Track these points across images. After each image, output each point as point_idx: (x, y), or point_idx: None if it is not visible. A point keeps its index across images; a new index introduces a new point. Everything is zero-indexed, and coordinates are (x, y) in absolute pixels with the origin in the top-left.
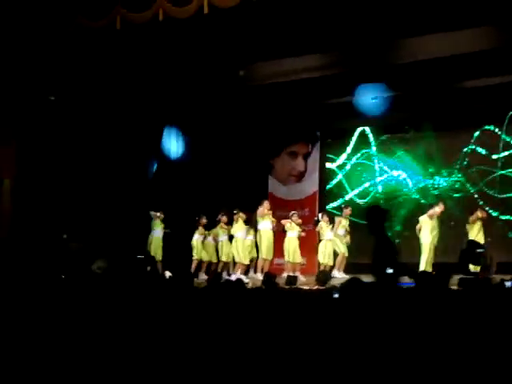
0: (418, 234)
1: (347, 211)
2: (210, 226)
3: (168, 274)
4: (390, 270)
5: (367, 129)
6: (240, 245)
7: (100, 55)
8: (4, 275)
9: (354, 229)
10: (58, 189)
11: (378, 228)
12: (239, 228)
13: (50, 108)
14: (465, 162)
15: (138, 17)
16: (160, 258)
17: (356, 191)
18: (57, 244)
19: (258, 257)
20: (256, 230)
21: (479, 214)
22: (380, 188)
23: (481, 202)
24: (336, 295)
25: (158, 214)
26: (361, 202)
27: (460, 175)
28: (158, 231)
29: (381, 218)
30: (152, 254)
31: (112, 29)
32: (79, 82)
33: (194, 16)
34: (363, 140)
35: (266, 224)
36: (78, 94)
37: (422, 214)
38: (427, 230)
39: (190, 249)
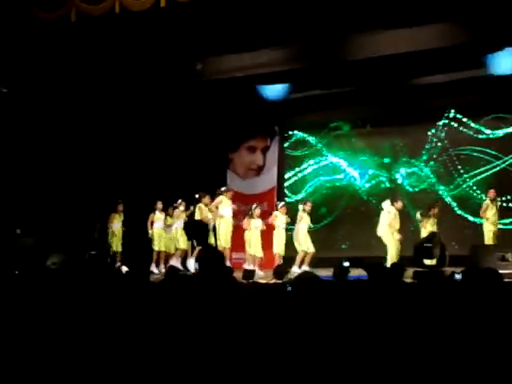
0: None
1: (307, 207)
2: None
3: (125, 268)
4: (346, 263)
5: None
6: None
7: (55, 47)
8: None
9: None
10: (11, 182)
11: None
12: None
13: (2, 100)
14: (424, 157)
15: (94, 9)
16: (120, 250)
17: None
18: (10, 239)
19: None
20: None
21: (433, 211)
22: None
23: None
24: (289, 288)
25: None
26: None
27: (416, 169)
28: (116, 224)
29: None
30: (113, 247)
31: (67, 21)
32: (33, 74)
33: (150, 9)
34: (319, 134)
35: (227, 211)
36: (31, 87)
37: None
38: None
39: (148, 242)
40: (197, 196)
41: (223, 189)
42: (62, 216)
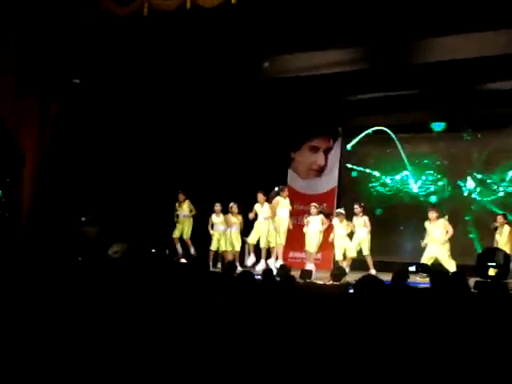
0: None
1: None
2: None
3: (183, 260)
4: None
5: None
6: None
7: (126, 42)
8: (23, 258)
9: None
10: (78, 172)
11: None
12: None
13: (75, 91)
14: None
15: (167, 4)
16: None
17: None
18: (74, 227)
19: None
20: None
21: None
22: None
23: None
24: (351, 290)
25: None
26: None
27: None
28: (182, 212)
29: None
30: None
31: (139, 16)
32: (104, 67)
33: (221, 5)
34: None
35: (284, 211)
36: (102, 79)
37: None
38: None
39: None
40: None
41: (276, 189)
42: (127, 206)
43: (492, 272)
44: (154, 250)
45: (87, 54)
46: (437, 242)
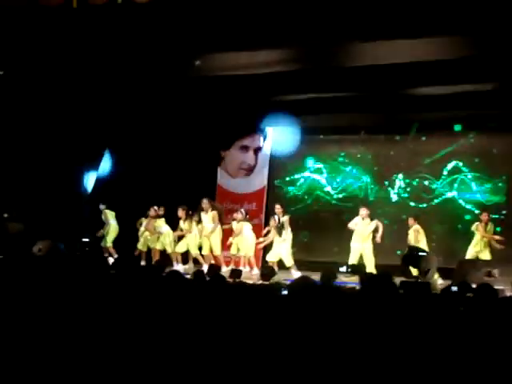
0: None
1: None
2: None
3: (111, 259)
4: (342, 269)
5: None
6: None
7: (54, 33)
8: None
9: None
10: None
11: None
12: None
13: None
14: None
15: None
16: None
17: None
18: None
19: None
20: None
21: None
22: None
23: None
24: (285, 292)
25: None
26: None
27: (408, 181)
28: (112, 220)
29: None
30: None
31: (68, 7)
32: (31, 58)
33: (152, 1)
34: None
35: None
36: (28, 70)
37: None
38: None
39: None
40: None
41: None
42: (53, 202)
43: (415, 272)
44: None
45: (12, 45)
46: (363, 240)
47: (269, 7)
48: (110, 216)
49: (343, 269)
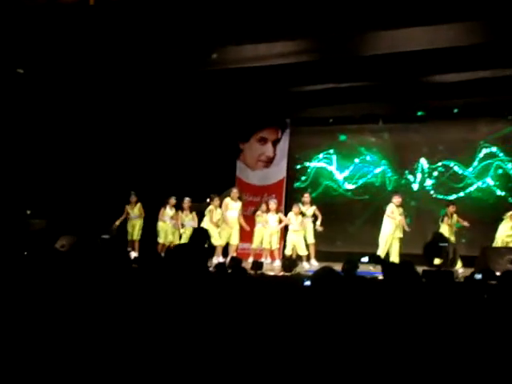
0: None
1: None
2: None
3: (133, 254)
4: (364, 259)
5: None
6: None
7: (71, 31)
8: None
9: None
10: (22, 164)
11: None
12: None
13: (19, 81)
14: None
15: None
16: (138, 238)
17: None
18: (20, 220)
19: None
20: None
21: (450, 209)
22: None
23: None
24: (307, 283)
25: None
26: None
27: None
28: (132, 214)
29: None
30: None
31: (85, 5)
32: (49, 57)
33: None
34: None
35: (233, 213)
36: (47, 69)
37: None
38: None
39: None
40: (208, 200)
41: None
42: (75, 199)
43: (437, 261)
44: (106, 237)
45: (31, 44)
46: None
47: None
48: (138, 209)
49: (365, 259)
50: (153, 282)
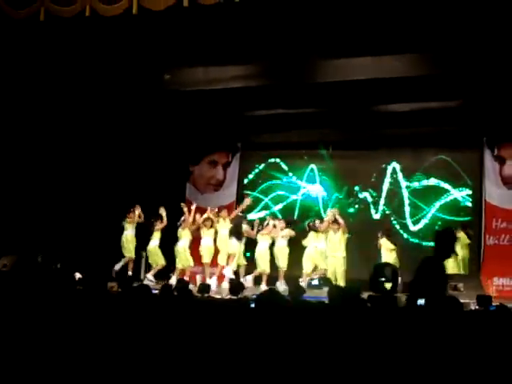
0: None
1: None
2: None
3: (78, 275)
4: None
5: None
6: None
7: (21, 45)
8: None
9: None
10: None
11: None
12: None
13: None
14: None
15: (64, 10)
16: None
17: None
18: None
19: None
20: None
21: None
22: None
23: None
24: (252, 305)
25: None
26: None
27: (374, 195)
28: (130, 231)
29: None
30: (126, 252)
31: (35, 20)
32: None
33: (121, 15)
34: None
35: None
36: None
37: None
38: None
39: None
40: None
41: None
42: (14, 217)
43: (388, 286)
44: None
45: None
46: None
47: (237, 23)
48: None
49: (315, 282)
50: (94, 304)
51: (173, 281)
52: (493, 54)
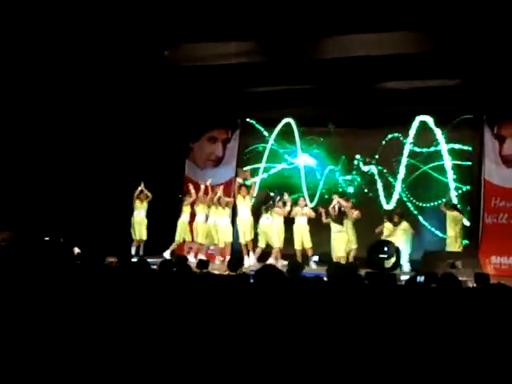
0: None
1: None
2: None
3: (77, 250)
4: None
5: (290, 120)
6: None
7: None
8: None
9: None
10: None
11: None
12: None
13: None
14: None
15: None
16: (144, 238)
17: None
18: None
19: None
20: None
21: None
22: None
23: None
24: (251, 280)
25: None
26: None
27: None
28: (142, 212)
29: None
30: (136, 234)
31: None
32: None
33: None
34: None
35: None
36: None
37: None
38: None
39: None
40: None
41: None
42: (18, 194)
43: (388, 264)
44: (47, 238)
45: None
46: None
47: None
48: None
49: (315, 258)
50: (92, 278)
51: (167, 255)
52: (492, 33)
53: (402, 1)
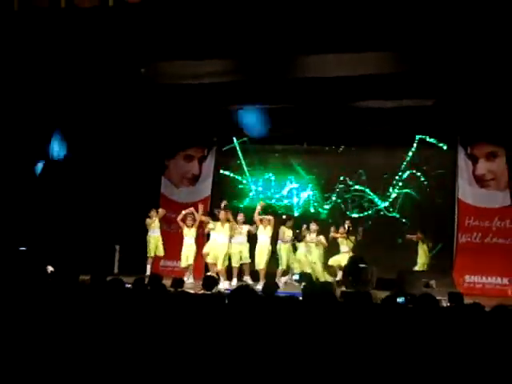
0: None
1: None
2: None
3: (50, 268)
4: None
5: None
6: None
7: None
8: None
9: None
10: None
11: None
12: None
13: None
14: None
15: (38, 0)
16: (162, 254)
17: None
18: None
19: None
20: None
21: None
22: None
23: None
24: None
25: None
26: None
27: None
28: (156, 230)
29: None
30: (152, 252)
31: (10, 10)
32: None
33: (97, 7)
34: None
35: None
36: None
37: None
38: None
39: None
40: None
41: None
42: None
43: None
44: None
45: None
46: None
47: (215, 18)
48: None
49: (296, 277)
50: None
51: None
52: (465, 54)
53: (376, 23)
